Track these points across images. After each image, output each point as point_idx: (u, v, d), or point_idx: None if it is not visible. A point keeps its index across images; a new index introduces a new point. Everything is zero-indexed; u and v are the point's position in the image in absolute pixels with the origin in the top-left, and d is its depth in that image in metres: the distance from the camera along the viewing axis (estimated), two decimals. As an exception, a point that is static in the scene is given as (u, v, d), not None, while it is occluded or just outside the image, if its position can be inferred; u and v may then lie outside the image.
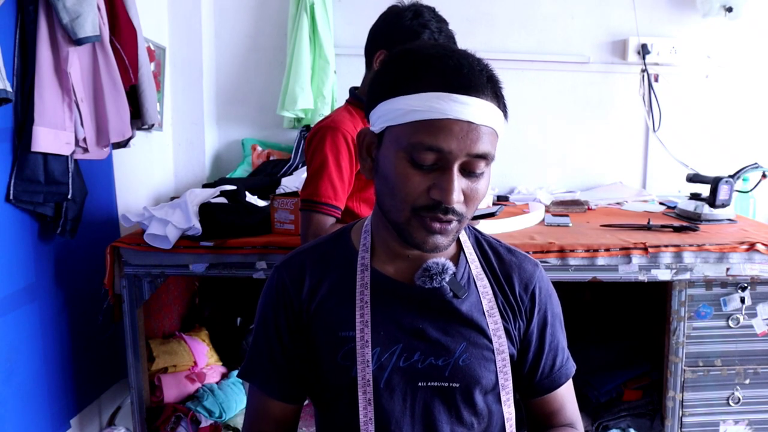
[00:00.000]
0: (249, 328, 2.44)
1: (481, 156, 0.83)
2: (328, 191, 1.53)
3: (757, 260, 1.79)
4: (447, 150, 0.81)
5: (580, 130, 2.87)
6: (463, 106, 0.81)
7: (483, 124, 0.83)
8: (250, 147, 2.75)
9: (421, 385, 0.92)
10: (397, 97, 0.84)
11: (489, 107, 0.84)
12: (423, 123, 0.82)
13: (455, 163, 0.82)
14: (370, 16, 1.65)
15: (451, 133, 0.81)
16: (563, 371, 1.00)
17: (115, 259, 1.80)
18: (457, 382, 0.92)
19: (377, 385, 0.91)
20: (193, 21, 2.62)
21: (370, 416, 0.90)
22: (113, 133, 1.75)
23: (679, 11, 2.77)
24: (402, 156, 0.84)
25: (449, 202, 0.82)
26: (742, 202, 2.45)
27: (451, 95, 0.81)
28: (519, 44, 2.82)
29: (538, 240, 1.82)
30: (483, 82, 0.84)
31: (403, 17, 1.55)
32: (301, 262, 0.98)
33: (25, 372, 1.63)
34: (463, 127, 0.81)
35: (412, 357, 0.92)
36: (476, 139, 0.82)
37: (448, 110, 0.81)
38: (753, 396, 1.86)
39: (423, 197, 0.84)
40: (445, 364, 0.92)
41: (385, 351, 0.91)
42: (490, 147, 0.84)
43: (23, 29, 1.54)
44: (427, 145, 0.81)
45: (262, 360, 0.98)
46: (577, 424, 1.01)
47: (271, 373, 0.97)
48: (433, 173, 0.83)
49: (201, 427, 1.92)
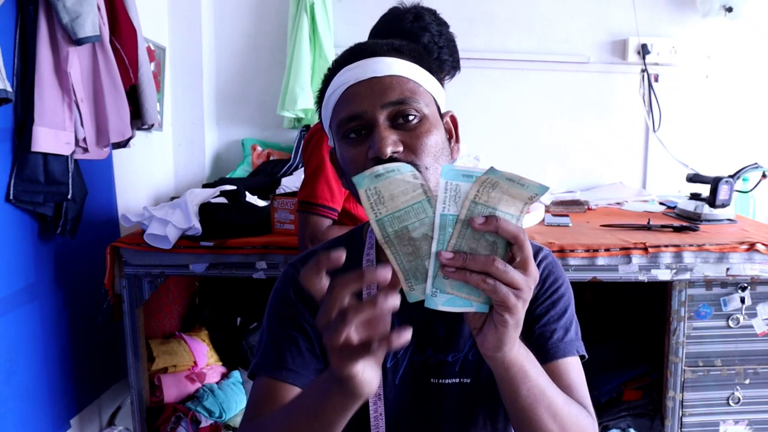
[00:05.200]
0: (249, 328, 2.44)
1: (399, 102, 0.85)
2: (325, 193, 1.53)
3: (757, 260, 1.78)
4: (362, 111, 0.85)
5: (580, 130, 2.87)
6: (360, 68, 0.86)
7: (387, 75, 0.86)
8: (250, 147, 2.75)
9: (434, 381, 0.92)
10: (323, 99, 0.92)
11: (390, 60, 0.87)
12: (338, 102, 0.88)
13: (377, 118, 0.84)
14: (370, 16, 1.65)
15: (358, 95, 0.86)
16: (563, 346, 0.94)
17: (115, 259, 1.80)
18: (468, 377, 0.92)
19: (393, 381, 0.91)
20: (193, 21, 2.62)
21: (381, 411, 0.90)
22: (113, 133, 1.75)
23: (679, 11, 2.77)
24: (341, 142, 0.89)
25: (383, 153, 0.82)
26: (742, 202, 2.45)
27: (347, 66, 0.88)
28: (519, 44, 2.82)
29: (538, 240, 1.82)
30: (381, 47, 0.89)
31: (403, 20, 1.55)
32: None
33: (25, 372, 1.63)
34: (367, 85, 0.86)
35: (425, 353, 0.92)
36: (384, 89, 0.85)
37: (349, 78, 0.86)
38: (753, 396, 1.86)
39: (366, 163, 0.84)
40: (455, 360, 0.91)
41: (400, 347, 0.91)
42: (407, 92, 0.86)
43: (23, 29, 1.54)
44: (346, 117, 0.86)
45: (274, 350, 0.93)
46: (590, 409, 0.92)
47: (284, 359, 0.92)
48: (368, 140, 0.85)
49: (201, 427, 1.92)
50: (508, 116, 2.84)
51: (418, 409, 0.92)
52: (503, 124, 2.84)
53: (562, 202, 2.45)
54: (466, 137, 1.03)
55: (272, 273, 1.80)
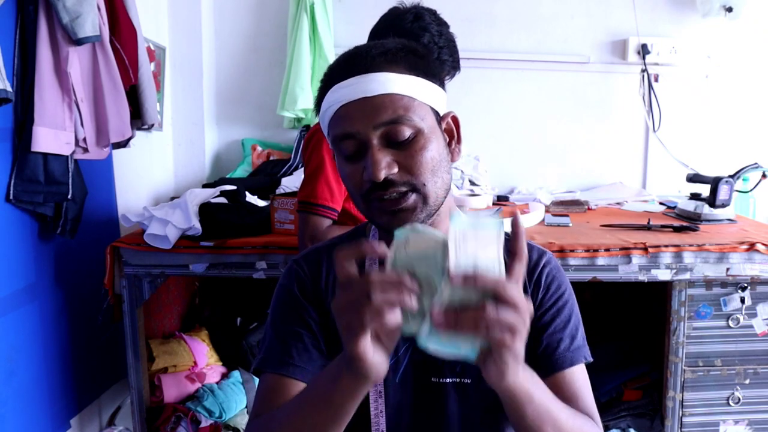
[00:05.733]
0: (249, 328, 2.44)
1: (392, 122, 0.84)
2: (325, 193, 1.53)
3: (757, 260, 1.78)
4: (355, 131, 0.85)
5: (580, 130, 2.87)
6: (351, 88, 0.85)
7: (377, 94, 0.85)
8: (250, 147, 2.75)
9: (435, 380, 0.92)
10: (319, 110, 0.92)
11: (380, 76, 0.85)
12: (332, 120, 0.88)
13: (371, 140, 0.84)
14: (370, 16, 1.65)
15: (350, 115, 0.85)
16: (570, 355, 0.95)
17: (115, 259, 1.80)
18: (469, 377, 0.92)
19: (393, 380, 0.91)
20: (193, 21, 2.62)
21: (381, 409, 0.90)
22: (113, 133, 1.75)
23: (679, 11, 2.77)
24: (339, 157, 0.90)
25: (377, 177, 0.83)
26: (742, 202, 2.45)
27: (340, 83, 0.86)
28: (519, 44, 2.82)
29: (538, 240, 1.82)
30: (370, 59, 0.87)
31: (403, 20, 1.54)
32: (317, 257, 0.99)
33: (25, 372, 1.63)
34: (358, 105, 0.85)
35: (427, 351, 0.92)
36: (376, 110, 0.84)
37: (341, 97, 0.86)
38: (753, 396, 1.85)
39: (363, 183, 0.86)
40: (456, 360, 0.91)
41: (401, 345, 0.91)
42: (399, 111, 0.85)
43: (23, 29, 1.54)
44: (340, 136, 0.87)
45: (280, 345, 0.93)
46: (595, 418, 0.94)
47: (290, 355, 0.92)
48: (363, 159, 0.86)
49: (201, 427, 1.92)
50: (508, 116, 2.84)
51: (418, 407, 0.92)
52: (503, 124, 2.84)
53: (562, 202, 2.45)
54: (467, 137, 1.03)
55: (272, 273, 1.80)
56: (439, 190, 0.88)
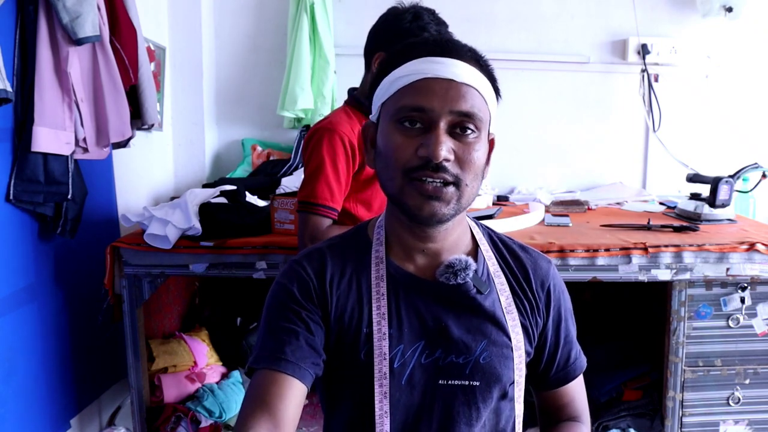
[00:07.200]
0: (249, 328, 2.44)
1: (466, 114, 0.86)
2: (325, 193, 1.53)
3: (757, 260, 1.78)
4: (429, 107, 0.85)
5: (580, 130, 2.87)
6: (442, 66, 0.86)
7: (464, 83, 0.86)
8: (250, 147, 2.75)
9: (442, 383, 0.92)
10: (388, 75, 0.90)
11: (471, 69, 0.88)
12: (407, 87, 0.87)
13: (440, 121, 0.85)
14: (370, 16, 1.65)
15: (432, 91, 0.85)
16: (577, 364, 1.03)
17: (115, 259, 1.80)
18: (477, 380, 0.92)
19: (399, 382, 0.90)
20: (193, 21, 2.62)
21: (386, 410, 0.89)
22: (113, 133, 1.75)
23: (679, 11, 2.77)
24: (392, 125, 0.88)
25: (437, 157, 0.84)
26: (742, 202, 2.45)
27: (430, 58, 0.87)
28: (519, 44, 2.82)
29: (538, 240, 1.82)
30: (465, 52, 0.89)
31: (402, 19, 1.55)
32: (321, 256, 0.97)
33: (25, 372, 1.63)
34: (443, 85, 0.85)
35: (434, 354, 0.92)
36: (458, 96, 0.85)
37: (427, 70, 0.86)
38: (753, 396, 1.86)
39: (413, 159, 0.86)
40: (465, 362, 0.92)
41: (408, 347, 0.91)
42: (475, 108, 0.86)
43: (23, 29, 1.54)
44: (410, 106, 0.86)
45: (273, 342, 0.90)
46: (584, 416, 1.03)
47: (283, 351, 0.89)
48: (422, 135, 0.86)
49: (201, 427, 1.92)
50: (508, 116, 2.82)
51: (423, 409, 0.92)
52: (503, 123, 2.80)
53: (562, 202, 2.45)
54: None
55: (272, 273, 1.79)
56: (471, 195, 0.90)
